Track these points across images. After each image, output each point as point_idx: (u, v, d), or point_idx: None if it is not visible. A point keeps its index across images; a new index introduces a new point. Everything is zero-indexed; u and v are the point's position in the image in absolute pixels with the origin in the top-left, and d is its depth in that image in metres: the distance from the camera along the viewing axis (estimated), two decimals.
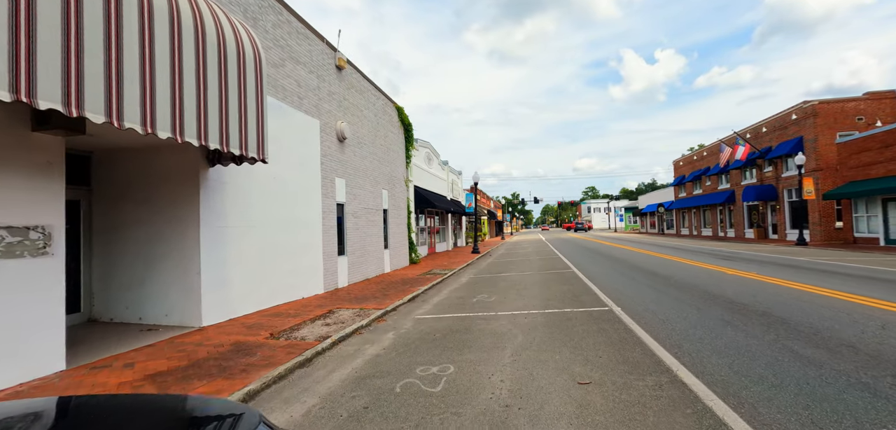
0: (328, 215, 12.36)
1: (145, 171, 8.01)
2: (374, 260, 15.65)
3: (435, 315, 8.53)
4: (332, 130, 12.88)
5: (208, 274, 7.75)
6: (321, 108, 12.23)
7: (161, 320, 7.74)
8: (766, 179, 31.65)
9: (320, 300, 10.39)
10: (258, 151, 7.30)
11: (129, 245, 8.00)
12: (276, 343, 6.51)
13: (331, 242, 12.42)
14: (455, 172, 36.42)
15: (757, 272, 12.42)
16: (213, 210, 7.97)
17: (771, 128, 31.00)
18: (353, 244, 13.95)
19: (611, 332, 6.45)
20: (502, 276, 14.61)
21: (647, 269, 14.46)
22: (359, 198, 14.56)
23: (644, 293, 9.65)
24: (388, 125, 18.03)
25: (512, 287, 11.75)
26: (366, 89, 15.65)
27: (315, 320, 8.22)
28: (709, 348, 5.41)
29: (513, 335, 6.56)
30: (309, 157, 11.46)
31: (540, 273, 14.77)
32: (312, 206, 11.55)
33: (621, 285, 11.17)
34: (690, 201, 44.76)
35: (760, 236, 32.20)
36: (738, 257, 17.90)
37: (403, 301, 10.07)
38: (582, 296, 9.75)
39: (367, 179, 15.42)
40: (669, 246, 27.25)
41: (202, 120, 6.05)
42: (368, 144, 15.65)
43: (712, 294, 9.16)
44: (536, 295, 10.18)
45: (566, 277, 13.46)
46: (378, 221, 16.26)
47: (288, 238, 10.33)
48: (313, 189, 11.62)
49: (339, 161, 13.27)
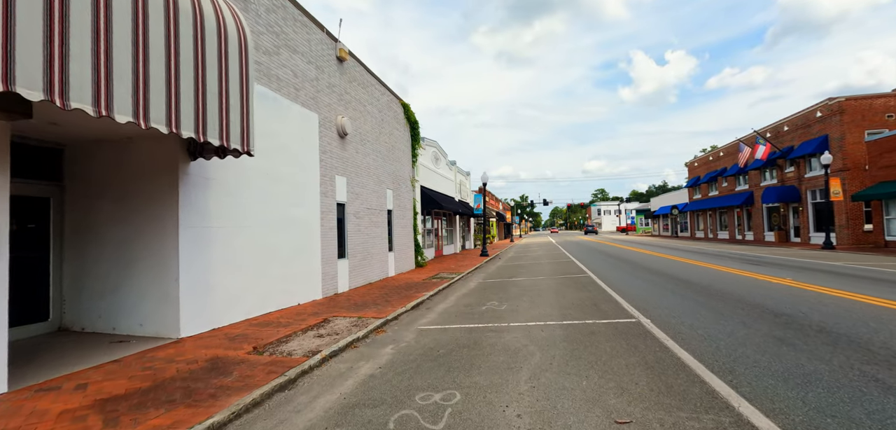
0: (327, 216, 11.58)
1: (121, 165, 7.27)
2: (378, 263, 14.85)
3: (440, 326, 7.68)
4: (333, 125, 12.11)
5: (188, 280, 6.98)
6: (320, 101, 11.47)
7: (135, 331, 6.98)
8: (788, 179, 30.32)
9: (317, 307, 9.59)
10: (242, 142, 6.52)
11: (104, 247, 7.26)
12: (259, 360, 5.70)
13: (330, 244, 11.64)
14: (463, 173, 35.56)
15: (793, 279, 11.38)
16: (195, 209, 7.20)
17: (793, 127, 29.69)
18: (355, 247, 13.15)
19: (644, 350, 5.53)
20: (513, 281, 13.71)
21: (671, 274, 13.46)
22: (361, 198, 13.77)
23: (673, 303, 8.70)
24: (393, 122, 17.25)
25: (524, 294, 10.85)
26: (369, 83, 14.88)
27: (307, 330, 7.42)
28: (770, 375, 4.48)
29: (529, 353, 5.68)
30: (306, 153, 10.69)
31: (553, 278, 13.84)
32: (310, 205, 10.78)
33: (645, 292, 10.21)
34: (706, 203, 43.37)
35: (781, 239, 30.84)
36: (766, 261, 16.78)
37: (406, 309, 9.22)
38: (603, 305, 8.82)
39: (371, 177, 14.63)
40: (687, 249, 26.10)
41: (173, 103, 5.27)
42: (372, 142, 14.87)
43: (752, 304, 8.18)
44: (552, 303, 9.27)
45: (582, 282, 12.52)
46: (382, 222, 15.46)
47: (282, 240, 9.56)
48: (311, 187, 10.84)
49: (340, 158, 12.49)
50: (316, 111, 11.22)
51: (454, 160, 31.69)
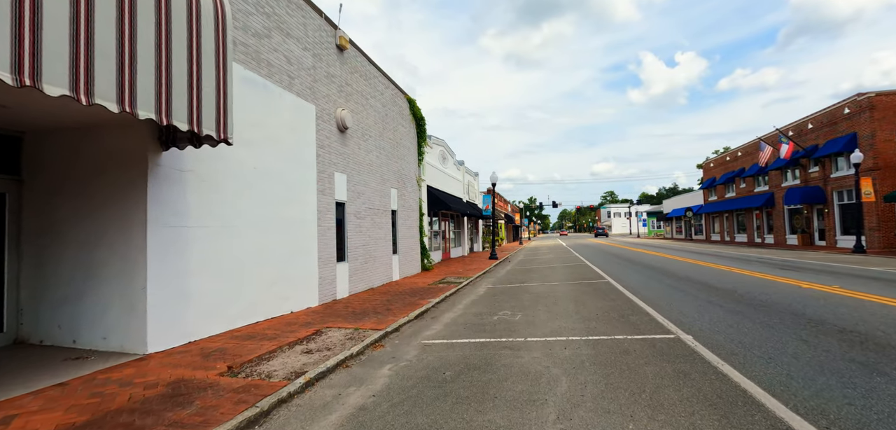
0: (325, 215, 10.69)
1: (86, 156, 6.43)
2: (381, 267, 13.93)
3: (446, 340, 6.72)
4: (332, 118, 11.23)
5: (159, 287, 6.10)
6: (317, 91, 10.59)
7: (98, 345, 6.11)
8: (812, 180, 28.90)
9: (311, 316, 8.68)
10: (218, 128, 5.63)
11: (67, 249, 6.41)
12: (230, 384, 4.78)
13: (328, 246, 10.74)
14: (471, 173, 34.59)
15: (839, 286, 10.23)
16: (168, 206, 6.33)
17: (818, 124, 28.29)
18: (356, 249, 12.25)
19: (698, 379, 4.52)
20: (526, 286, 12.70)
21: (699, 280, 12.36)
22: (363, 196, 12.87)
23: (713, 315, 7.64)
24: (398, 118, 16.35)
25: (539, 301, 9.84)
26: (372, 75, 14.00)
27: (296, 344, 6.50)
28: (880, 420, 3.46)
29: (552, 379, 4.70)
30: (302, 146, 9.81)
31: (569, 284, 12.80)
32: (306, 204, 9.89)
33: (676, 301, 9.15)
34: (722, 205, 41.88)
35: (805, 242, 29.40)
36: (800, 266, 15.57)
37: (409, 319, 8.28)
38: (631, 316, 7.80)
39: (373, 175, 13.74)
40: (706, 252, 24.84)
41: (126, 77, 4.39)
42: (375, 137, 13.97)
43: (808, 318, 7.11)
44: (572, 313, 8.27)
45: (602, 289, 11.47)
46: (385, 223, 14.55)
47: (274, 241, 8.68)
48: (307, 184, 9.96)
49: (340, 154, 11.61)
50: (313, 102, 10.35)
51: (462, 160, 30.73)
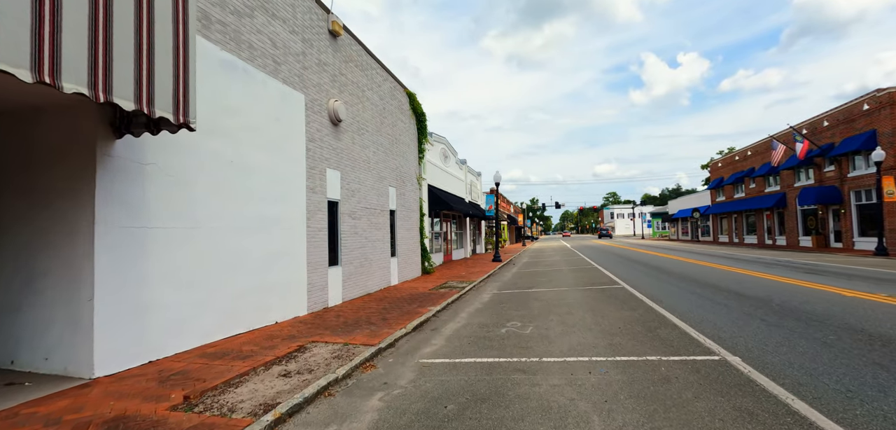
0: (316, 215, 9.77)
1: (29, 145, 5.53)
2: (378, 271, 13.01)
3: (448, 359, 5.79)
4: (323, 110, 10.32)
5: (110, 299, 5.19)
6: (307, 80, 9.68)
7: (39, 366, 5.20)
8: (828, 179, 27.87)
9: (296, 328, 7.76)
10: (176, 110, 4.72)
11: (6, 254, 5.51)
12: (180, 421, 3.87)
13: (319, 248, 9.83)
14: (474, 173, 33.66)
15: (885, 294, 9.27)
16: (123, 204, 5.43)
17: (834, 122, 27.26)
18: (351, 252, 11.33)
19: (768, 421, 3.57)
20: (534, 292, 11.76)
21: (723, 286, 11.39)
22: (358, 195, 11.96)
23: (755, 329, 6.69)
24: (397, 112, 15.44)
25: (550, 310, 8.91)
26: (368, 66, 13.09)
27: (273, 364, 5.59)
28: None
29: (581, 416, 3.77)
30: (288, 139, 8.90)
31: (581, 290, 11.85)
32: (293, 202, 8.98)
33: (707, 311, 8.20)
34: (731, 206, 40.84)
35: (820, 244, 28.37)
36: (824, 270, 14.58)
37: (407, 331, 7.35)
38: (659, 330, 6.85)
39: (370, 173, 12.82)
40: (720, 255, 23.84)
41: (47, 39, 3.48)
42: (372, 132, 13.06)
43: (869, 334, 6.15)
44: (590, 326, 7.33)
45: (618, 295, 10.52)
46: (383, 223, 13.63)
47: (255, 244, 7.77)
48: (294, 181, 9.05)
49: (333, 149, 10.70)
50: (302, 91, 9.44)
51: (464, 159, 29.80)
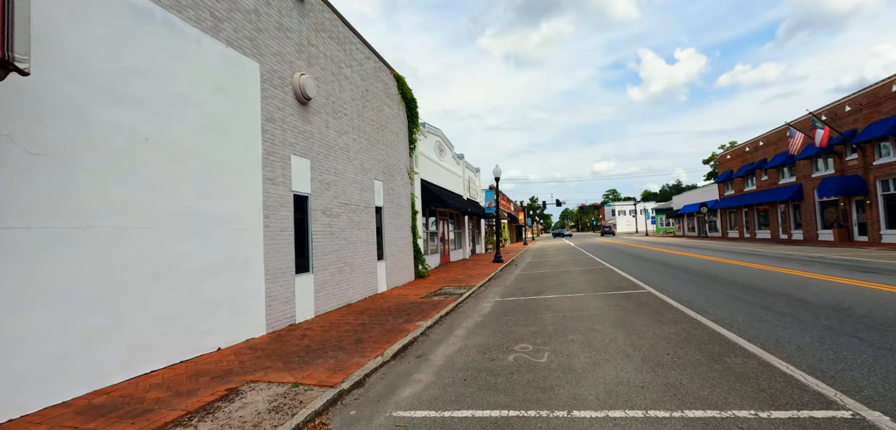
0: (277, 212, 7.98)
1: None
2: (362, 277, 11.20)
3: (435, 412, 3.98)
4: (286, 84, 8.53)
5: None
6: (263, 46, 7.89)
7: None
8: (850, 168, 26.09)
9: (242, 356, 5.95)
10: None
11: None
12: None
13: (281, 253, 8.02)
14: (472, 169, 31.83)
15: None
16: None
17: (856, 106, 25.47)
18: (325, 256, 9.52)
19: None
20: (544, 300, 9.95)
21: (772, 289, 9.57)
22: (335, 188, 10.16)
23: (864, 357, 4.87)
24: (383, 96, 13.63)
25: (568, 324, 7.10)
26: (347, 40, 11.29)
27: (178, 427, 3.78)
28: None
29: None
30: (237, 117, 7.10)
31: (600, 296, 10.04)
32: (243, 196, 7.18)
33: (775, 326, 6.39)
34: (741, 199, 39.07)
35: (842, 237, 26.58)
36: (877, 268, 12.78)
37: (384, 359, 5.55)
38: (726, 357, 5.03)
39: (351, 163, 11.02)
40: (739, 251, 22.05)
41: None
42: (352, 117, 11.26)
43: None
44: (626, 350, 5.52)
45: (647, 303, 8.71)
46: (368, 222, 11.82)
47: (186, 250, 5.97)
48: (246, 170, 7.26)
49: (301, 133, 8.90)
50: (255, 59, 7.65)
51: (462, 153, 27.98)
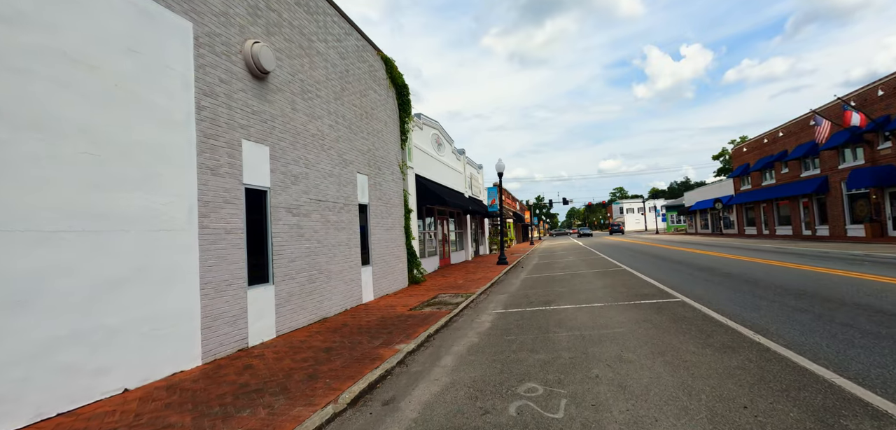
0: (218, 210, 6.38)
1: None
2: (341, 285, 9.59)
3: None
4: (235, 53, 6.94)
5: None
6: (200, 3, 6.30)
7: None
8: (883, 158, 24.09)
9: (146, 403, 4.35)
10: None
11: None
12: None
13: (228, 259, 6.43)
14: (475, 166, 30.16)
15: None
16: None
17: (890, 90, 23.48)
18: (292, 262, 7.93)
19: None
20: (555, 313, 8.27)
21: (841, 298, 7.81)
22: (305, 182, 8.56)
23: None
24: (368, 80, 12.02)
25: (588, 349, 5.43)
26: (321, 10, 9.69)
27: None
28: None
29: None
30: (155, 87, 5.52)
31: (623, 307, 8.32)
32: (164, 189, 5.59)
33: (877, 354, 4.69)
34: (760, 194, 37.00)
35: (875, 233, 24.56)
36: None
37: (335, 412, 3.91)
38: (847, 418, 3.35)
39: (326, 153, 9.42)
40: (767, 249, 20.18)
41: None
42: (328, 99, 9.66)
43: None
44: (677, 395, 3.84)
45: (686, 318, 7.00)
46: (349, 222, 10.22)
47: (67, 260, 4.39)
48: (169, 154, 5.66)
49: (255, 113, 7.31)
50: (188, 17, 6.05)
51: (463, 148, 26.32)
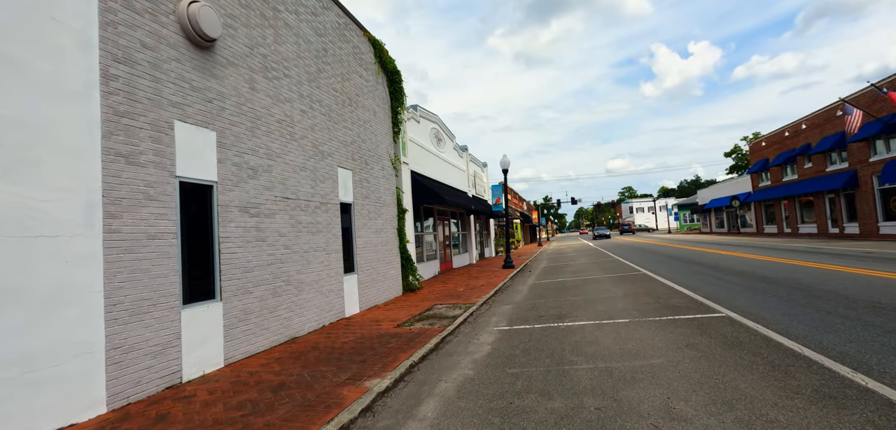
0: (135, 210, 4.95)
1: None
2: (317, 298, 8.13)
3: None
4: (166, 13, 5.51)
5: None
6: None
7: None
8: None
9: None
10: None
11: None
12: None
13: (151, 273, 4.99)
14: (479, 163, 28.63)
15: None
16: None
17: None
18: (249, 273, 6.48)
19: None
20: (570, 333, 6.73)
21: None
22: (268, 176, 7.13)
23: None
24: (353, 63, 10.58)
25: (622, 401, 3.91)
26: None
27: None
28: None
29: None
30: (33, 43, 4.10)
31: (657, 327, 6.77)
32: (43, 182, 4.17)
33: None
34: (781, 190, 35.05)
35: None
36: None
37: None
38: None
39: (296, 143, 7.99)
40: (803, 249, 18.41)
41: None
42: (299, 79, 8.23)
43: None
44: None
45: (749, 347, 5.43)
46: (327, 223, 8.77)
47: None
48: (55, 136, 4.24)
49: (198, 90, 5.88)
50: None
51: (465, 145, 24.80)
